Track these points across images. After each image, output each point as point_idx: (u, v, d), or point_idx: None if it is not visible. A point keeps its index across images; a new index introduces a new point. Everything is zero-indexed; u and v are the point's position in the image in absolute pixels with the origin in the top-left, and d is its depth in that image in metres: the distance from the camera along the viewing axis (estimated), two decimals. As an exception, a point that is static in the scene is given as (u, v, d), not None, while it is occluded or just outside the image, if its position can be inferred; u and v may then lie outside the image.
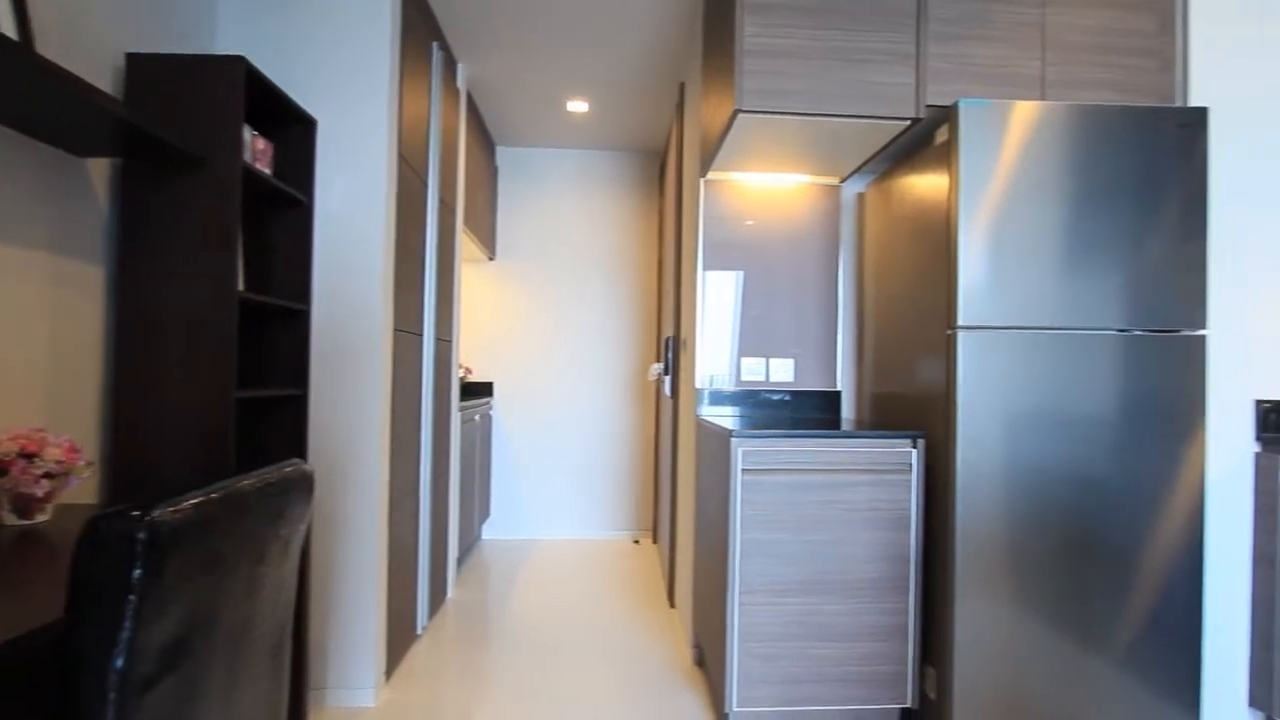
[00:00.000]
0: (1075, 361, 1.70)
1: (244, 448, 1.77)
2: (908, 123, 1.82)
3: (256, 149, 1.66)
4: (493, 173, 4.02)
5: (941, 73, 1.82)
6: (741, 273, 2.33)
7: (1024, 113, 1.69)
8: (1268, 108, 1.87)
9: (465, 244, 3.55)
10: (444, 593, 2.90)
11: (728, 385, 2.32)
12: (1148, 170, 1.71)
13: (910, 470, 1.77)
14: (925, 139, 1.89)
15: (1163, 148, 1.71)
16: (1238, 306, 1.85)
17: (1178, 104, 1.87)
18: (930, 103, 1.80)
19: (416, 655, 2.36)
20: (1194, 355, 1.70)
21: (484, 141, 3.72)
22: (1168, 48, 1.86)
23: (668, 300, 3.27)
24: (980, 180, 1.68)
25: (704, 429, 2.14)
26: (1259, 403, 1.83)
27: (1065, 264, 1.70)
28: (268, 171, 1.70)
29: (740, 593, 1.74)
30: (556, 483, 4.14)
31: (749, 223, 2.34)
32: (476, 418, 3.57)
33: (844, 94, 1.79)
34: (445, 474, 2.87)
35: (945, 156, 1.73)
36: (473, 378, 4.10)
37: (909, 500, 1.77)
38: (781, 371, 2.31)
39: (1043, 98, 1.83)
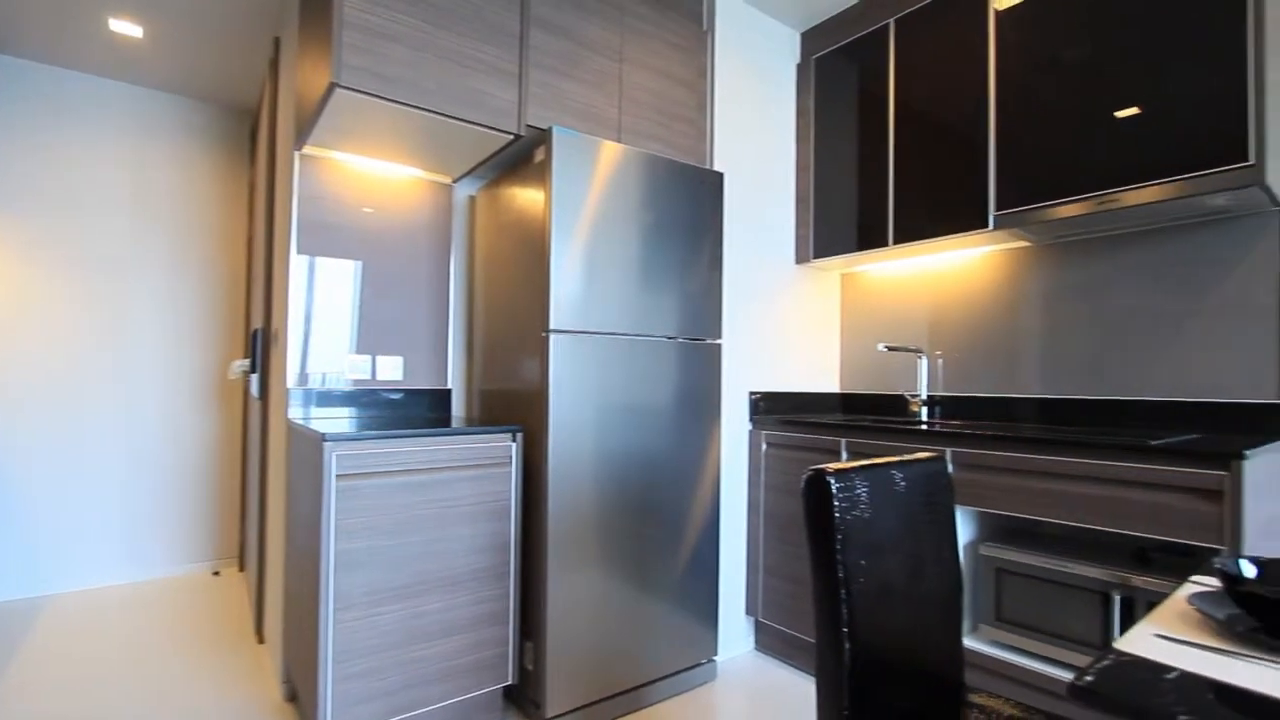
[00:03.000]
0: (645, 362, 2.07)
1: None
2: (511, 137, 1.95)
3: None
4: (-26, 88, 2.84)
5: (542, 98, 2.00)
6: (359, 263, 2.16)
7: (610, 151, 1.98)
8: (750, 176, 2.60)
9: (-87, 183, 2.43)
10: None
11: (342, 385, 2.12)
12: (693, 215, 2.19)
13: (510, 462, 1.90)
14: (527, 155, 2.05)
15: (702, 199, 2.22)
16: (739, 322, 2.51)
17: (709, 167, 2.44)
18: (530, 123, 1.97)
19: None
20: (715, 359, 2.25)
21: (-45, 40, 2.60)
22: (702, 120, 2.42)
23: (258, 287, 2.81)
24: (573, 202, 1.90)
25: (296, 433, 1.91)
26: (752, 394, 2.52)
27: (640, 281, 2.06)
28: None
29: (335, 609, 1.61)
30: (92, 515, 3.15)
31: (367, 210, 2.18)
32: (-65, 436, 2.47)
33: (452, 95, 1.81)
34: None
35: (542, 175, 1.91)
36: (-70, 378, 2.82)
37: (509, 491, 1.89)
38: (390, 370, 2.22)
39: (619, 140, 2.17)
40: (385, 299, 2.22)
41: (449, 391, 2.35)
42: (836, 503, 1.10)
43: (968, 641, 1.88)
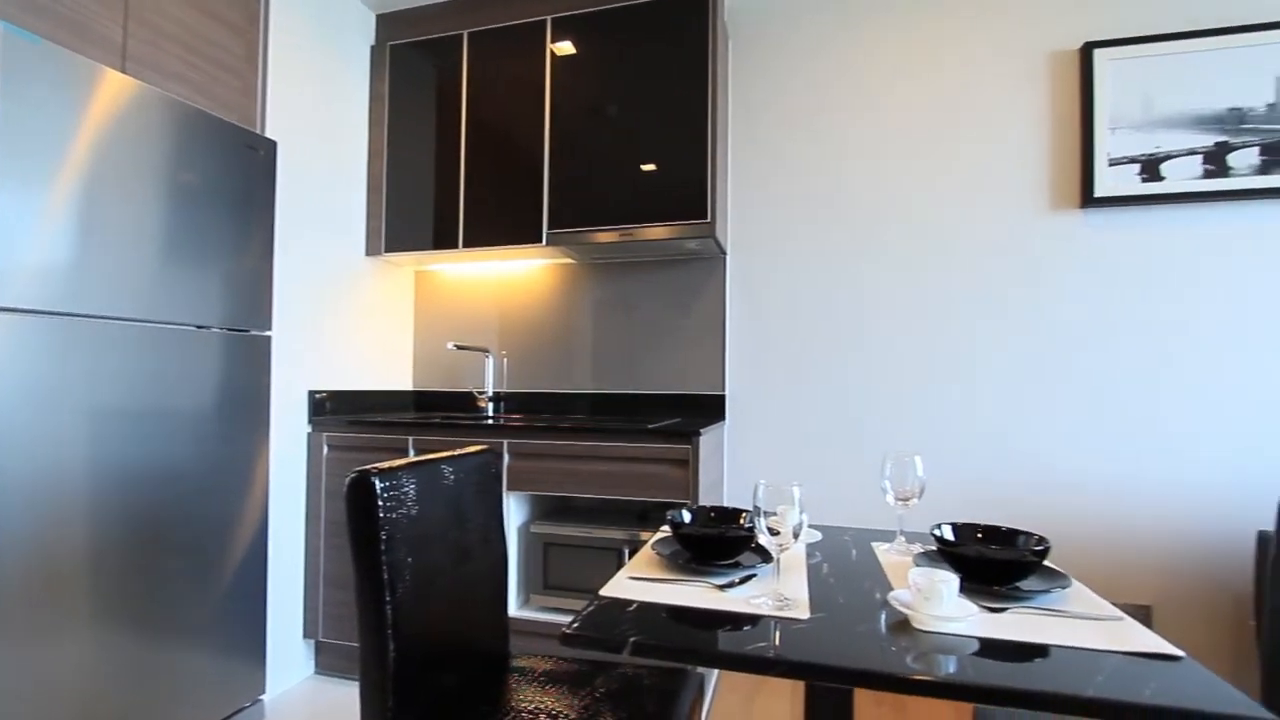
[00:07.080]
0: (165, 356, 1.66)
1: None
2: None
3: None
4: None
5: (-19, -21, 1.41)
6: None
7: (115, 83, 1.53)
8: (314, 152, 2.37)
9: None
10: None
11: None
12: (237, 184, 1.86)
13: (-95, 501, 1.28)
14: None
15: (250, 167, 1.90)
16: (296, 313, 2.24)
17: (260, 131, 2.11)
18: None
19: None
20: (262, 353, 1.96)
21: None
22: (252, 75, 2.07)
23: None
24: (38, 137, 1.40)
25: None
26: (313, 392, 2.29)
27: (162, 257, 1.65)
28: None
29: None
30: None
31: None
32: None
33: None
34: None
35: (-20, 89, 1.35)
36: None
37: (-98, 542, 1.28)
38: None
39: (124, 70, 1.69)
40: None
41: None
42: (382, 503, 1.08)
43: (523, 612, 2.09)
